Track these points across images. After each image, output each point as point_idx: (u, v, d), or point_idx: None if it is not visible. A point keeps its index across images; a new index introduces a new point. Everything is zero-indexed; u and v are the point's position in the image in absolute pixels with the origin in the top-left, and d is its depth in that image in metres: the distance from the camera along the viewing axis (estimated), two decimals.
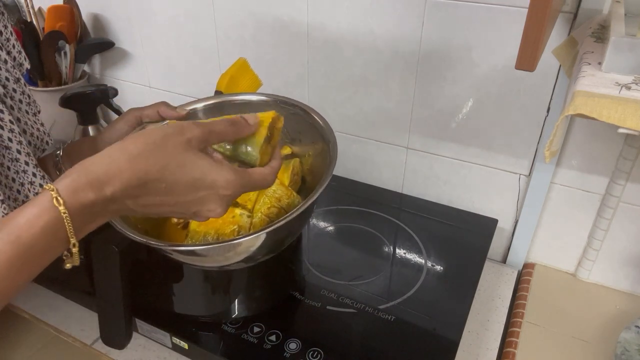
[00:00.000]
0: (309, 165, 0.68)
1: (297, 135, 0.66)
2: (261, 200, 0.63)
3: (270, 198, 0.63)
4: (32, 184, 0.56)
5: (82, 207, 0.37)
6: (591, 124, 0.63)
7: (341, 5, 0.77)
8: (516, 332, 0.68)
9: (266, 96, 0.68)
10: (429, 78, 0.76)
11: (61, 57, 1.02)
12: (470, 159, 0.80)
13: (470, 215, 0.82)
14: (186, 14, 0.93)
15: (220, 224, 0.60)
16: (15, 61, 0.59)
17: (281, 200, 0.63)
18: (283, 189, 0.64)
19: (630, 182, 0.68)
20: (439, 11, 0.70)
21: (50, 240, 0.36)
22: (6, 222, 0.36)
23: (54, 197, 0.36)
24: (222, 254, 0.55)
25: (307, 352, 0.57)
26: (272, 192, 0.63)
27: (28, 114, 0.60)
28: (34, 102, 0.61)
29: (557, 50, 0.62)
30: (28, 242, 0.35)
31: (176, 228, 0.64)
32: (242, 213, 0.61)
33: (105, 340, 0.59)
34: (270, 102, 0.67)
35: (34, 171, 0.56)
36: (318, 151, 0.63)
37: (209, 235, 0.60)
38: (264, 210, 0.62)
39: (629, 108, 0.40)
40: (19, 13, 1.04)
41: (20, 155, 0.55)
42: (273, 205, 0.62)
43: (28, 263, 0.36)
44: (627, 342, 0.62)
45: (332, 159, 0.57)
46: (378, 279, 0.69)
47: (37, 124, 0.61)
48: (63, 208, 0.36)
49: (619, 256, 0.74)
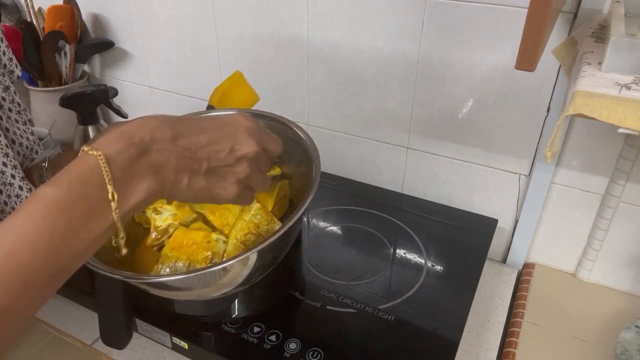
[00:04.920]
0: (299, 186, 0.66)
1: (287, 156, 0.61)
2: (238, 225, 0.60)
3: (248, 223, 0.60)
4: (19, 197, 0.55)
5: (117, 153, 0.37)
6: (591, 124, 0.63)
7: (341, 5, 0.77)
8: (516, 332, 0.68)
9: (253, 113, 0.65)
10: (429, 78, 0.76)
11: (61, 57, 1.02)
12: (470, 159, 0.80)
13: (470, 215, 0.82)
14: (186, 14, 0.93)
15: (194, 249, 0.58)
16: (6, 69, 0.58)
17: (260, 226, 0.60)
18: (263, 214, 0.61)
19: (630, 182, 0.68)
20: (439, 11, 0.70)
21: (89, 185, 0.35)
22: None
23: (86, 150, 0.36)
24: (192, 284, 0.52)
25: (307, 352, 0.57)
26: (252, 216, 0.60)
27: (18, 122, 0.59)
28: (24, 110, 0.60)
29: (557, 50, 0.62)
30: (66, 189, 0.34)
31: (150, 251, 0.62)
32: (219, 239, 0.59)
33: (105, 340, 0.59)
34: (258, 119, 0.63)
35: (20, 184, 0.55)
36: (305, 170, 0.61)
37: (180, 261, 0.57)
38: (240, 236, 0.59)
39: (629, 108, 0.40)
40: (19, 13, 1.04)
41: (7, 168, 0.53)
42: (250, 232, 0.59)
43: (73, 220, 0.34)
44: (627, 342, 0.62)
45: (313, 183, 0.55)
46: (378, 279, 0.69)
47: (27, 133, 0.60)
48: (99, 152, 0.36)
49: (618, 256, 0.74)
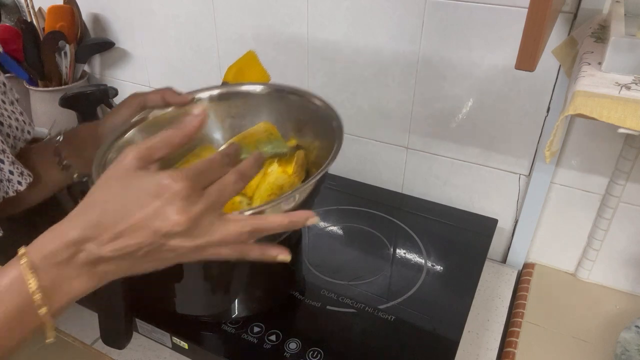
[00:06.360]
0: (314, 158, 0.65)
1: (304, 126, 0.63)
2: (262, 187, 0.60)
3: (272, 185, 0.60)
4: (10, 181, 0.53)
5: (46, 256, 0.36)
6: (591, 124, 0.63)
7: (341, 5, 0.77)
8: (516, 332, 0.68)
9: (272, 86, 0.65)
10: (429, 78, 0.76)
11: (61, 57, 1.02)
12: (470, 159, 0.80)
13: (470, 215, 0.82)
14: (186, 14, 0.93)
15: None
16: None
17: (283, 188, 0.60)
18: (285, 177, 0.61)
19: (630, 182, 0.68)
20: (439, 11, 0.70)
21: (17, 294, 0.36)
22: None
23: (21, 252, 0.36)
24: None
25: (307, 352, 0.57)
26: (274, 179, 0.60)
27: (5, 103, 0.57)
28: (10, 89, 0.59)
29: (557, 50, 0.62)
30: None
31: None
32: (242, 200, 0.59)
33: (105, 340, 0.59)
34: (275, 91, 0.64)
35: (10, 169, 0.53)
36: (324, 143, 0.60)
37: None
38: (264, 197, 0.58)
39: (628, 108, 0.40)
40: (19, 13, 1.04)
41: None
42: (274, 193, 0.59)
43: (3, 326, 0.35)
44: (627, 342, 0.62)
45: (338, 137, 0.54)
46: (378, 279, 0.69)
47: (15, 113, 0.58)
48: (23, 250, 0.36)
49: (618, 256, 0.74)
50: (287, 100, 0.62)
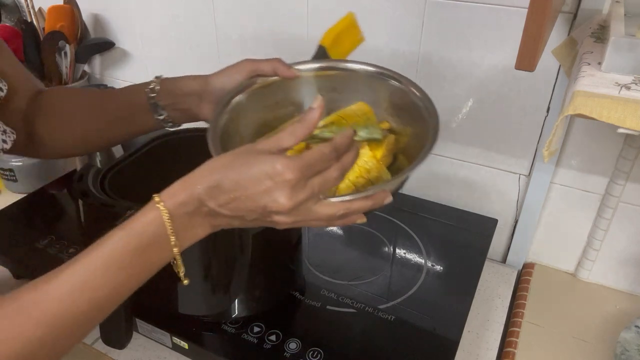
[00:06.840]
0: (404, 144, 0.65)
1: (398, 112, 0.63)
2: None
3: (360, 168, 0.60)
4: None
5: (179, 207, 0.43)
6: (591, 124, 0.63)
7: (341, 4, 0.77)
8: (516, 332, 0.68)
9: (374, 67, 0.65)
10: (429, 78, 0.76)
11: (61, 57, 1.02)
12: (470, 159, 0.80)
13: (470, 215, 0.82)
14: (186, 14, 0.93)
15: None
16: None
17: (370, 172, 0.61)
18: (374, 162, 0.61)
19: (630, 182, 0.68)
20: (439, 11, 0.70)
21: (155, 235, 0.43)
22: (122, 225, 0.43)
23: (156, 199, 0.43)
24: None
25: (307, 352, 0.57)
26: (363, 162, 0.61)
27: None
28: None
29: (556, 50, 0.62)
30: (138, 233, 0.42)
31: None
32: None
33: (105, 340, 0.59)
34: (376, 73, 0.64)
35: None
36: (416, 131, 0.61)
37: None
38: (352, 177, 0.59)
39: (628, 108, 0.40)
40: (19, 13, 1.04)
41: None
42: (361, 176, 0.60)
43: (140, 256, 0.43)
44: (627, 342, 0.62)
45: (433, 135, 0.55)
46: (378, 279, 0.69)
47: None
48: (162, 206, 0.42)
49: (618, 256, 0.74)
50: (386, 84, 0.62)
